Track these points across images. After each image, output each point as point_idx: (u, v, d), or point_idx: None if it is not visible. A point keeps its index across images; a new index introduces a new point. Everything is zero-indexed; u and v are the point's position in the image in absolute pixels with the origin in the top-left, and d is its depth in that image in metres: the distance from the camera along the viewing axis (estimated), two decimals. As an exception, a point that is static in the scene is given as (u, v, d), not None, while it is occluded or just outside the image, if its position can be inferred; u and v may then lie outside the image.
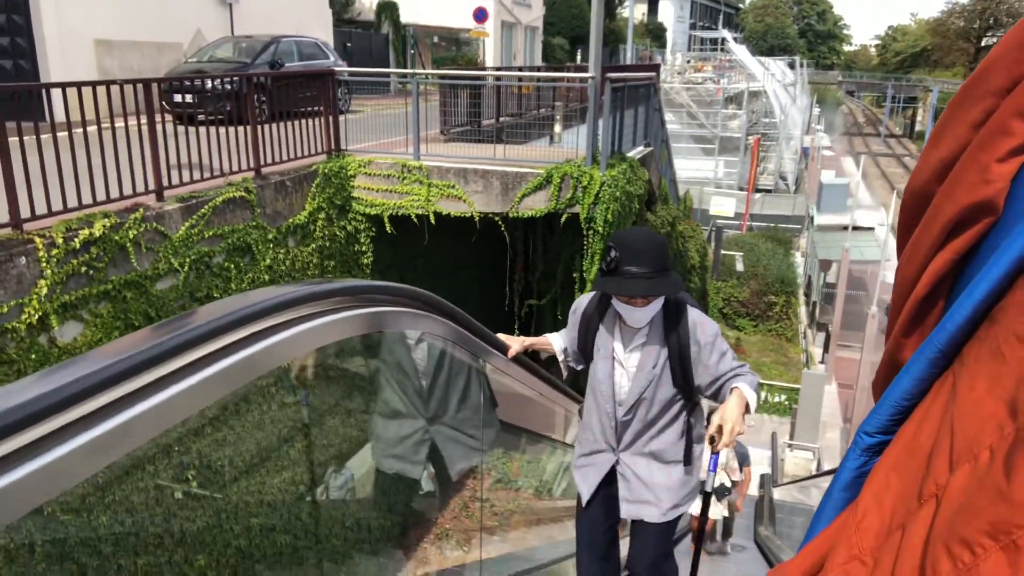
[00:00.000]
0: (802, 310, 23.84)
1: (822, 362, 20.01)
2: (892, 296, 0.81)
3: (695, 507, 5.24)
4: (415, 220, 8.91)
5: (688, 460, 2.71)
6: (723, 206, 27.04)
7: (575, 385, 3.93)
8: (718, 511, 6.77)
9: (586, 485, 2.80)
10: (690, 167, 30.71)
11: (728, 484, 6.55)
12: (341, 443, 3.50)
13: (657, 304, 2.54)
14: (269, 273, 7.43)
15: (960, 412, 0.60)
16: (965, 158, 0.67)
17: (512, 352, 3.00)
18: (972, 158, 0.65)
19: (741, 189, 31.23)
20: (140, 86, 6.28)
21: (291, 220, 7.87)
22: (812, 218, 28.93)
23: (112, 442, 1.08)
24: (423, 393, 3.21)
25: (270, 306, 1.48)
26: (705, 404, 2.90)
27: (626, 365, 2.64)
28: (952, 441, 0.59)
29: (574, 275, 9.49)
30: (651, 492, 2.70)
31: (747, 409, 2.44)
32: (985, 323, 0.62)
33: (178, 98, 9.42)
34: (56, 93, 5.66)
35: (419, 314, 2.48)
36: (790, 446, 14.86)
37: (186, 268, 6.39)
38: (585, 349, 2.77)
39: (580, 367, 2.90)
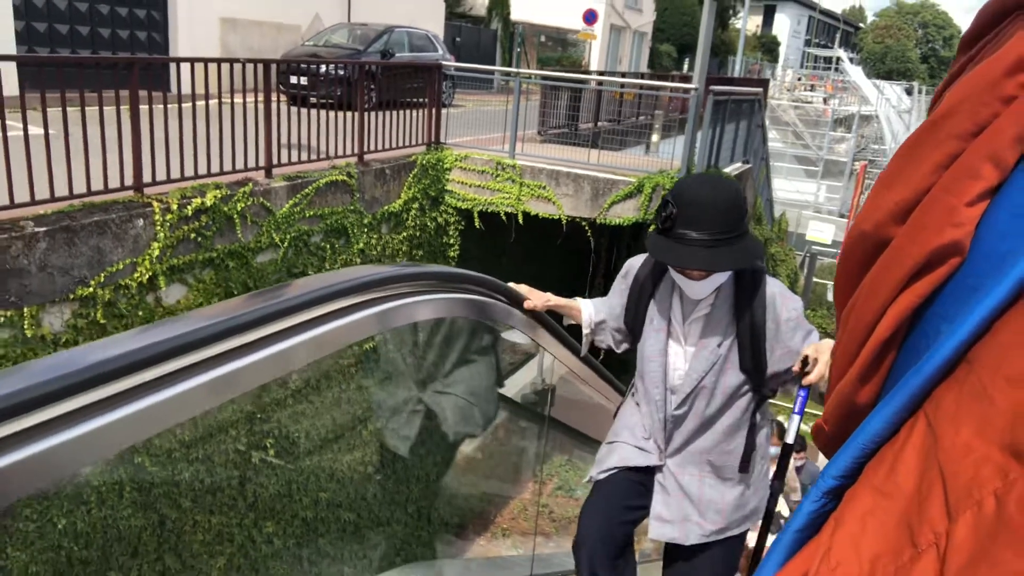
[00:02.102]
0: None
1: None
2: (842, 338, 0.79)
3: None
4: (503, 218, 9.06)
5: (745, 467, 2.14)
6: (821, 232, 26.15)
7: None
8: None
9: (609, 461, 2.23)
10: (790, 188, 29.87)
11: (786, 514, 5.56)
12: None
13: (722, 275, 2.04)
14: (361, 256, 7.71)
15: (948, 457, 0.58)
16: (930, 201, 0.67)
17: (529, 305, 2.40)
18: (938, 201, 0.66)
19: (842, 216, 30.18)
20: (260, 66, 6.62)
21: (387, 207, 8.14)
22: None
23: (226, 384, 1.24)
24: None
25: (385, 277, 1.66)
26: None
27: (684, 341, 2.13)
28: (944, 487, 0.58)
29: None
30: (695, 508, 2.15)
31: None
32: (962, 365, 0.61)
33: (293, 80, 9.87)
34: (184, 67, 6.03)
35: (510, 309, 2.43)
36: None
37: (286, 244, 6.72)
38: (635, 323, 2.24)
39: (621, 347, 2.36)
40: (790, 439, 2.11)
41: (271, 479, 6.57)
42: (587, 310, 2.40)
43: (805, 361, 1.99)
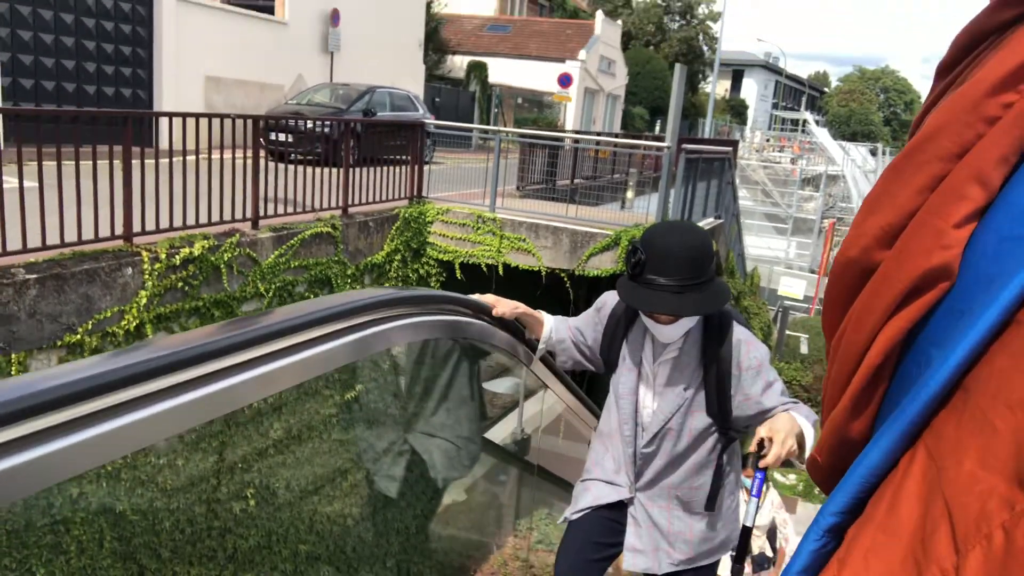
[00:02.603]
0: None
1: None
2: (832, 367, 0.78)
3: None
4: (484, 269, 9.24)
5: (711, 506, 2.19)
6: (792, 287, 26.68)
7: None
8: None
9: (584, 500, 2.30)
10: (762, 244, 30.53)
11: (770, 554, 5.22)
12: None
13: (690, 320, 2.09)
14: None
15: (953, 490, 0.56)
16: (916, 224, 0.66)
17: (497, 312, 2.42)
18: (925, 223, 0.65)
19: (812, 272, 30.84)
20: (249, 122, 6.82)
21: (370, 258, 8.29)
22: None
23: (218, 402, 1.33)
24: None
25: (370, 304, 1.76)
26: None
27: (653, 381, 2.19)
28: (951, 522, 0.55)
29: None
30: (664, 539, 2.23)
31: (800, 446, 1.98)
32: (959, 393, 0.59)
33: (274, 136, 10.11)
34: (164, 121, 6.20)
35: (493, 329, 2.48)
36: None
37: (271, 294, 6.82)
38: (610, 357, 2.31)
39: (569, 367, 2.45)
40: (749, 522, 2.04)
41: (251, 530, 6.51)
42: (548, 325, 2.44)
43: (761, 444, 1.95)
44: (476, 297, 2.42)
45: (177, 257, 5.86)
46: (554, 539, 6.55)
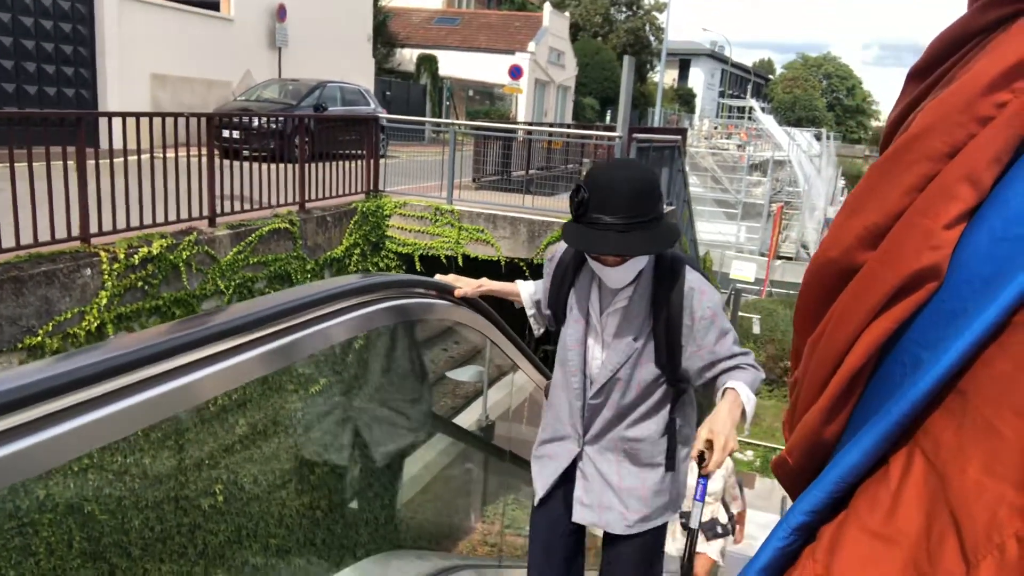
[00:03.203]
0: (817, 378, 23.78)
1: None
2: (808, 368, 0.76)
3: (675, 545, 4.74)
4: (444, 261, 9.33)
5: (671, 465, 2.14)
6: (743, 270, 27.29)
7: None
8: (715, 549, 5.02)
9: (541, 479, 2.27)
10: (712, 230, 31.13)
11: (724, 520, 4.94)
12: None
13: (639, 263, 1.98)
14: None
15: (959, 499, 0.55)
16: (904, 224, 0.65)
17: (459, 293, 2.45)
18: (913, 224, 0.64)
19: (762, 255, 31.57)
20: (203, 120, 6.79)
21: (329, 253, 8.31)
22: (831, 287, 29.01)
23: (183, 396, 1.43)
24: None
25: (331, 295, 1.86)
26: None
27: (602, 331, 2.11)
28: (959, 532, 0.54)
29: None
30: (616, 496, 2.15)
31: (743, 416, 1.93)
32: (954, 396, 0.58)
33: (226, 133, 10.01)
34: (114, 120, 6.09)
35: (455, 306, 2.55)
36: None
37: (231, 291, 6.82)
38: (556, 308, 2.24)
39: (553, 328, 2.39)
40: (694, 524, 1.98)
41: (220, 525, 6.51)
42: (526, 290, 2.41)
43: (702, 456, 1.87)
44: (438, 278, 2.45)
45: (136, 257, 5.83)
46: (521, 523, 6.69)
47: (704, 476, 1.90)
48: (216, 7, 15.24)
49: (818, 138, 47.80)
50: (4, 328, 4.91)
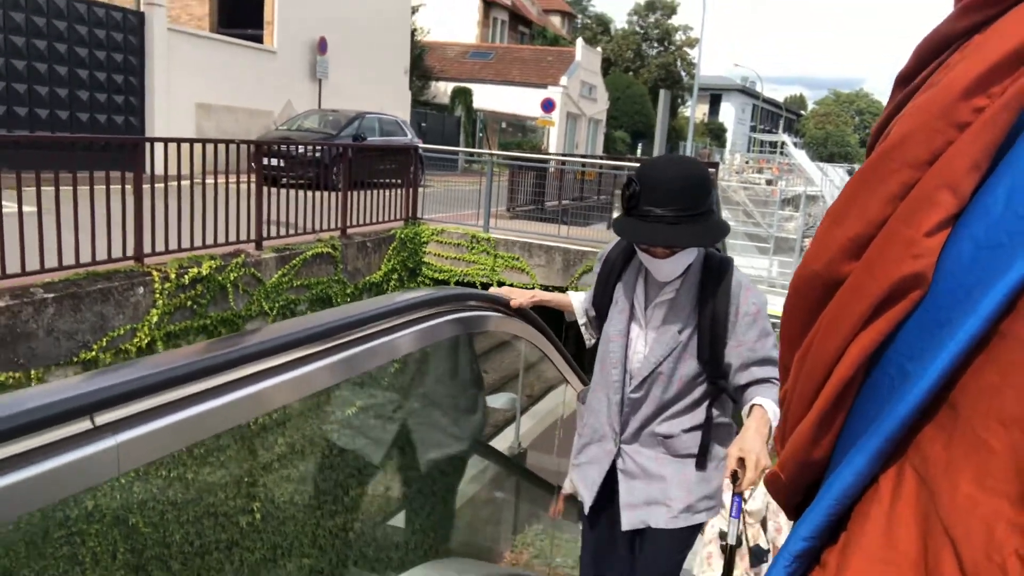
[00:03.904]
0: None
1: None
2: (796, 383, 0.75)
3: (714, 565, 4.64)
4: (479, 287, 9.43)
5: (702, 463, 2.13)
6: (776, 305, 27.06)
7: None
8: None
9: (585, 486, 2.24)
10: (744, 264, 30.91)
11: (765, 545, 4.88)
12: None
13: (687, 256, 2.01)
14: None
15: (952, 516, 0.54)
16: (887, 233, 0.64)
17: (515, 303, 2.47)
18: (895, 233, 0.63)
19: (794, 289, 31.23)
20: (250, 147, 7.01)
21: (368, 278, 8.46)
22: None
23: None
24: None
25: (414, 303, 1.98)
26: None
27: (646, 323, 2.11)
28: (956, 550, 0.53)
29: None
30: (659, 489, 2.13)
31: (770, 432, 1.92)
32: (944, 409, 0.57)
33: (266, 161, 10.27)
34: (160, 146, 6.26)
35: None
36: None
37: (274, 312, 6.97)
38: (603, 304, 2.23)
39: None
40: (732, 540, 2.00)
41: (257, 543, 6.57)
42: (577, 300, 2.42)
43: (735, 475, 1.88)
44: (492, 290, 2.53)
45: (186, 277, 6.01)
46: (548, 553, 6.66)
47: (738, 494, 1.91)
48: (260, 39, 15.73)
49: (850, 173, 47.50)
50: (62, 342, 5.08)
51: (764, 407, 1.94)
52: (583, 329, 2.42)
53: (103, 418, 1.16)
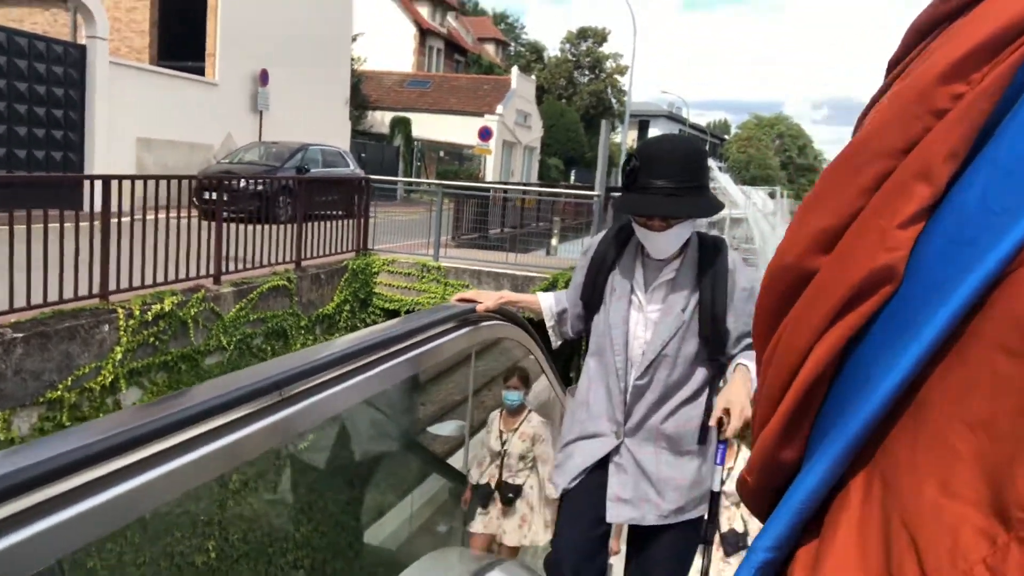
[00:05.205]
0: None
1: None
2: (764, 382, 0.72)
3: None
4: (430, 316, 9.70)
5: (703, 439, 2.14)
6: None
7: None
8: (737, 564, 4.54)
9: (572, 464, 2.20)
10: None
11: (740, 530, 4.72)
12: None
13: (684, 231, 2.05)
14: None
15: (917, 522, 0.51)
16: (859, 225, 0.62)
17: (481, 308, 2.44)
18: (868, 224, 0.61)
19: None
20: (202, 181, 7.16)
21: (321, 310, 8.66)
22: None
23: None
24: None
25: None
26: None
27: (647, 308, 2.13)
28: (918, 555, 0.50)
29: (571, 374, 10.23)
30: (652, 487, 2.12)
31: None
32: (910, 411, 0.55)
33: (207, 195, 10.30)
34: (98, 184, 6.12)
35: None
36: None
37: (232, 346, 7.11)
38: (593, 297, 2.21)
39: (575, 334, 2.38)
40: (716, 487, 2.08)
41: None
42: (546, 301, 2.39)
43: (720, 423, 1.96)
44: (459, 295, 2.54)
45: (149, 313, 6.13)
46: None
47: (723, 441, 2.03)
48: (201, 72, 15.74)
49: (772, 196, 49.35)
50: (29, 382, 5.16)
51: (748, 367, 2.03)
52: (550, 331, 2.44)
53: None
